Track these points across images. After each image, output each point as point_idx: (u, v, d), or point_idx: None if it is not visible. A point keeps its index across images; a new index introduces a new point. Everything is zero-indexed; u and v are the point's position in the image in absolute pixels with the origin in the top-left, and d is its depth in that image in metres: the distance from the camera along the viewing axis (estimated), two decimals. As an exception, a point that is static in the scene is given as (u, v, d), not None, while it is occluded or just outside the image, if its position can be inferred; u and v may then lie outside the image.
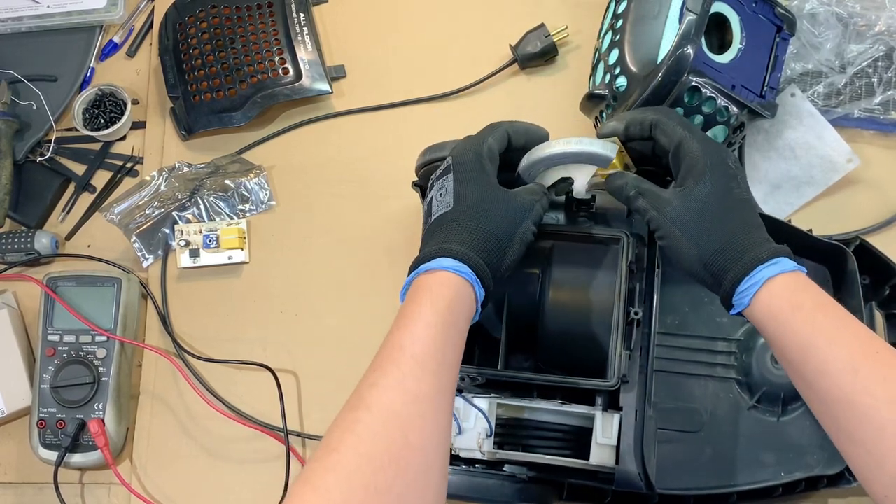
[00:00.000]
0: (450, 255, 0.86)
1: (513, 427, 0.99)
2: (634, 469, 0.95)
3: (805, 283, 0.84)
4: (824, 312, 0.82)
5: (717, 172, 0.89)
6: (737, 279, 0.85)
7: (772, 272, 0.83)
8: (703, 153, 0.90)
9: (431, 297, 0.84)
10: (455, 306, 0.84)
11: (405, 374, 0.79)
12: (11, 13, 1.41)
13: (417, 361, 0.79)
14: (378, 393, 0.78)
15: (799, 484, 1.06)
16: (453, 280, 0.85)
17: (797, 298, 0.83)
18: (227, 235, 1.27)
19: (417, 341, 0.81)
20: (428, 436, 0.77)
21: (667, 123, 0.94)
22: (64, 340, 1.22)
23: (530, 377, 0.99)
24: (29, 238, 1.29)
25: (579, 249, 1.00)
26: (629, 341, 0.98)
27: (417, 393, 0.78)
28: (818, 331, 0.81)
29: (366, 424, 0.75)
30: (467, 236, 0.87)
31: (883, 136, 1.22)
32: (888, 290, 1.11)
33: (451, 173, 0.92)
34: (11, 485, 1.25)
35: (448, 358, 0.82)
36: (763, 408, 1.10)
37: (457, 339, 0.84)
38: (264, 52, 1.33)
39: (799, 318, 0.82)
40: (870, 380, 0.77)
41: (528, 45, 1.30)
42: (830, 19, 1.21)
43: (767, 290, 0.84)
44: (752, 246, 0.85)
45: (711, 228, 0.88)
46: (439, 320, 0.82)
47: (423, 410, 0.78)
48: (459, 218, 0.89)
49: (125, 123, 1.35)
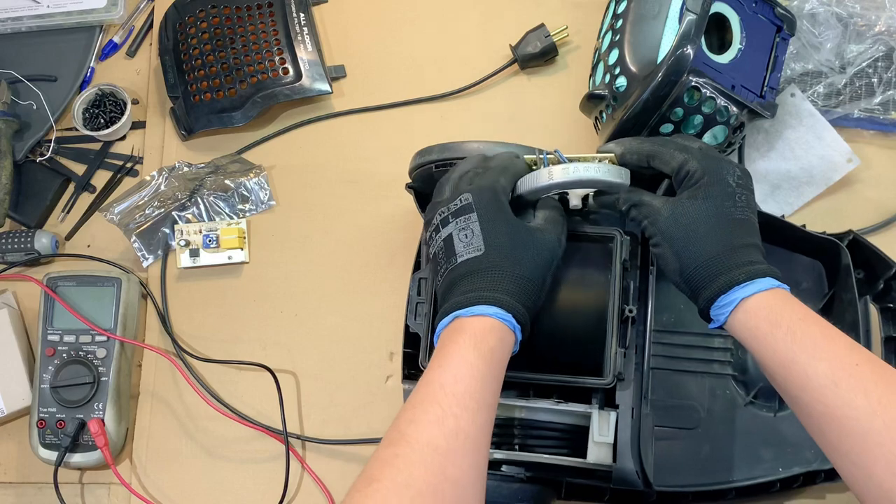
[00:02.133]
0: (494, 303, 0.87)
1: (510, 426, 1.00)
2: (632, 466, 0.95)
3: (784, 300, 0.85)
4: (803, 328, 0.82)
5: (714, 190, 0.90)
6: (711, 298, 0.87)
7: (747, 292, 0.85)
8: (702, 171, 0.91)
9: (475, 341, 0.84)
10: (497, 351, 0.86)
11: (445, 412, 0.79)
12: (11, 13, 1.41)
13: (458, 400, 0.80)
14: (418, 429, 0.79)
15: (797, 479, 1.06)
16: (497, 326, 0.86)
17: (774, 316, 0.84)
18: (227, 235, 1.27)
19: (459, 381, 0.82)
20: (465, 471, 0.78)
21: (663, 153, 0.95)
22: (64, 340, 1.22)
23: (526, 376, 0.99)
24: (29, 238, 1.29)
25: (573, 248, 0.99)
26: (625, 339, 0.98)
27: (457, 430, 0.79)
28: (797, 346, 0.82)
29: (405, 457, 0.77)
30: (507, 285, 0.88)
31: (883, 136, 1.22)
32: (882, 284, 1.11)
33: (475, 213, 0.92)
34: (11, 485, 1.25)
35: (487, 399, 0.83)
36: (759, 403, 1.10)
37: (496, 383, 0.85)
38: (264, 52, 1.33)
39: (778, 336, 0.83)
40: (851, 392, 0.78)
41: (528, 45, 1.30)
42: (830, 19, 1.21)
43: (743, 309, 0.85)
44: (731, 267, 0.87)
45: (696, 244, 0.89)
46: (482, 363, 0.83)
47: (461, 446, 0.79)
48: (495, 265, 0.89)
49: (125, 123, 1.35)
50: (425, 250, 1.01)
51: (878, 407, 0.76)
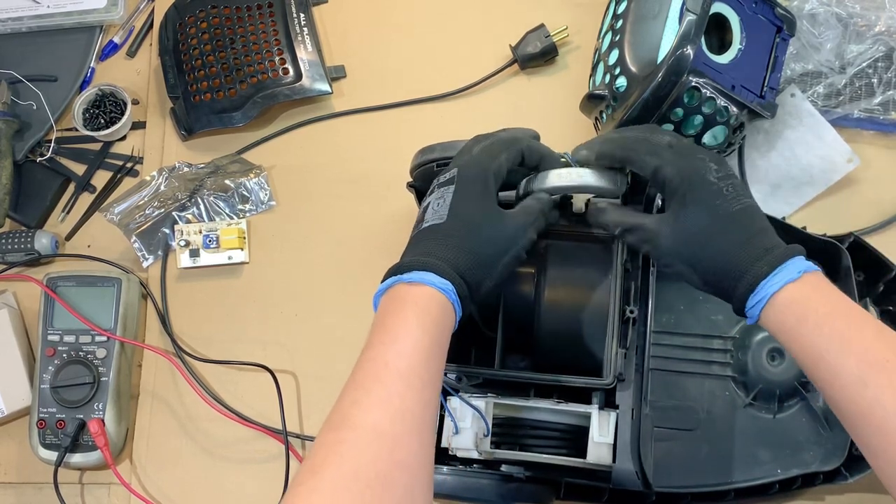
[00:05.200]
0: (433, 269, 0.84)
1: (510, 426, 0.99)
2: (631, 467, 0.95)
3: (812, 289, 0.82)
4: (831, 321, 0.80)
5: (698, 194, 0.87)
6: (742, 299, 0.84)
7: (775, 286, 0.82)
8: (679, 177, 0.88)
9: (417, 313, 0.82)
10: (440, 323, 0.83)
11: (390, 392, 0.77)
12: (11, 13, 1.41)
13: (403, 378, 0.78)
14: (362, 411, 0.76)
15: (795, 480, 1.06)
16: (438, 297, 0.83)
17: (801, 310, 0.81)
18: (227, 235, 1.27)
19: (403, 357, 0.79)
20: (413, 453, 0.76)
21: (634, 157, 0.92)
22: (64, 340, 1.22)
23: (527, 376, 0.99)
24: (29, 238, 1.29)
25: (575, 248, 1.00)
26: (625, 340, 0.98)
27: (403, 410, 0.76)
28: (825, 341, 0.80)
29: (350, 443, 0.74)
30: (454, 254, 0.86)
31: (883, 136, 1.22)
32: (882, 286, 1.11)
33: (454, 185, 0.90)
34: (11, 485, 1.26)
35: (432, 375, 0.81)
36: (759, 405, 1.10)
37: (441, 356, 0.83)
38: (264, 52, 1.33)
39: (804, 331, 0.81)
40: (880, 390, 0.76)
41: (528, 45, 1.30)
42: (830, 19, 1.21)
43: (772, 305, 0.82)
44: (752, 262, 0.84)
45: (704, 252, 0.86)
46: (426, 337, 0.81)
47: (408, 428, 0.76)
48: (449, 232, 0.87)
49: (125, 123, 1.35)
50: None
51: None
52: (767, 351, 1.09)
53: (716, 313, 1.13)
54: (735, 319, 1.12)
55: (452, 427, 0.98)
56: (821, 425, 1.08)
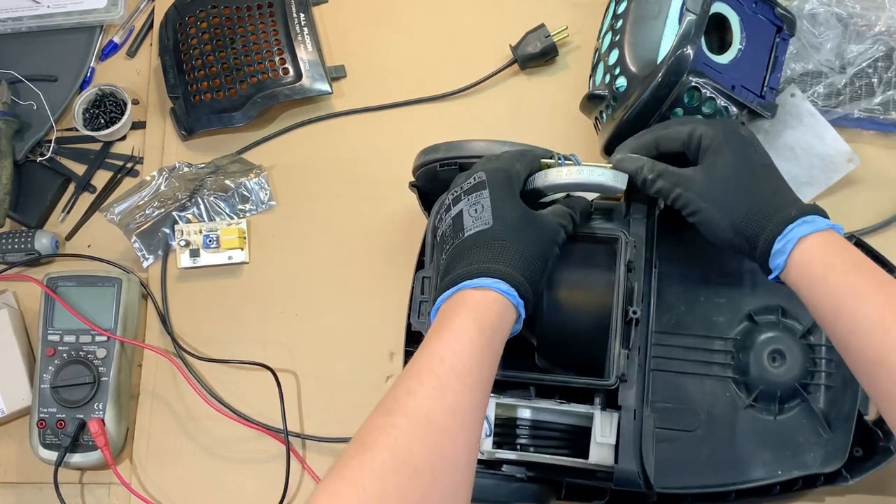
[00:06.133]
0: (497, 275, 0.85)
1: (511, 426, 0.99)
2: (633, 468, 0.95)
3: (837, 241, 0.86)
4: (856, 271, 0.83)
5: (733, 142, 0.92)
6: (770, 240, 0.86)
7: (803, 231, 0.85)
8: (714, 130, 0.94)
9: (476, 315, 0.83)
10: (498, 326, 0.84)
11: (444, 386, 0.78)
12: (11, 13, 1.41)
13: (457, 375, 0.79)
14: (416, 401, 0.77)
15: (796, 482, 1.06)
16: (499, 300, 0.85)
17: (828, 258, 0.84)
18: (227, 235, 1.27)
19: (458, 355, 0.80)
20: (461, 449, 0.76)
21: (667, 133, 0.97)
22: (64, 340, 1.22)
23: (529, 376, 0.99)
24: (29, 238, 1.29)
25: (577, 249, 0.99)
26: (628, 340, 0.98)
27: (455, 406, 0.77)
28: (849, 290, 0.82)
29: (403, 429, 0.74)
30: (512, 258, 0.87)
31: (883, 136, 1.22)
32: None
33: (487, 190, 0.91)
34: (11, 485, 1.25)
35: (485, 375, 0.82)
36: (760, 406, 1.10)
37: (495, 358, 0.84)
38: (264, 52, 1.33)
39: (830, 278, 0.83)
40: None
41: (528, 45, 1.30)
42: (830, 19, 1.21)
43: (799, 250, 0.85)
44: (781, 206, 0.87)
45: (738, 195, 0.90)
46: (482, 338, 0.82)
47: (459, 423, 0.77)
48: (500, 237, 0.88)
49: (125, 123, 1.35)
50: (430, 239, 1.00)
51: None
52: (768, 352, 1.09)
53: (717, 314, 1.13)
54: (736, 320, 1.12)
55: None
56: (822, 427, 1.08)
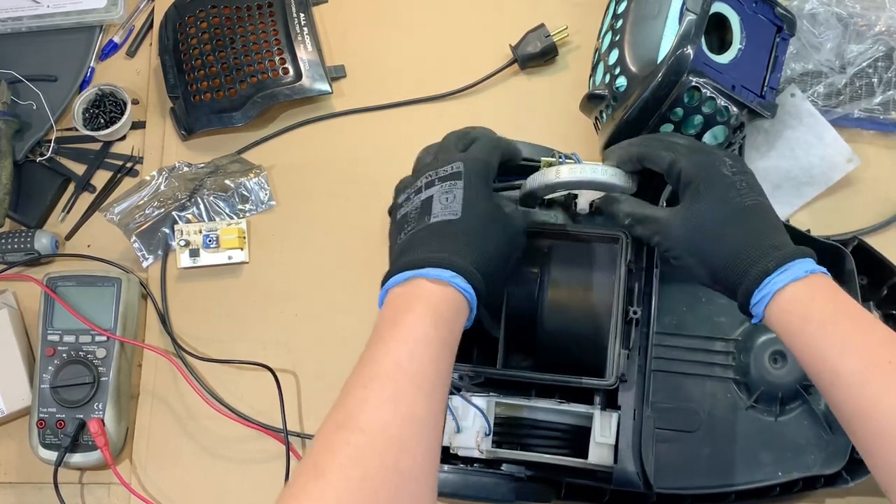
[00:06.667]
0: (458, 270, 0.83)
1: (511, 426, 0.99)
2: (633, 468, 0.95)
3: (818, 289, 0.83)
4: (836, 321, 0.80)
5: (711, 186, 0.88)
6: (747, 293, 0.84)
7: (780, 283, 0.82)
8: (693, 170, 0.89)
9: (433, 314, 0.80)
10: (455, 324, 0.82)
11: (400, 393, 0.75)
12: (11, 13, 1.41)
13: (414, 382, 0.76)
14: (370, 412, 0.73)
15: (797, 483, 1.06)
16: (456, 298, 0.82)
17: (806, 310, 0.81)
18: (227, 235, 1.27)
19: (415, 360, 0.77)
20: (419, 461, 0.73)
21: (651, 153, 0.93)
22: (64, 340, 1.22)
23: (529, 376, 0.99)
24: (29, 238, 1.29)
25: (578, 249, 1.00)
26: (628, 340, 0.98)
27: (412, 415, 0.74)
28: (827, 343, 0.80)
29: (357, 447, 0.71)
30: (474, 255, 0.85)
31: (883, 136, 1.22)
32: (886, 290, 1.11)
33: (462, 181, 0.89)
34: (11, 485, 1.25)
35: (442, 378, 0.79)
36: (761, 407, 1.10)
37: (450, 361, 0.81)
38: (264, 52, 1.33)
39: (808, 330, 0.81)
40: (879, 390, 0.76)
41: (528, 45, 1.30)
42: (830, 19, 1.21)
43: (777, 302, 0.82)
44: (759, 257, 0.84)
45: (714, 244, 0.87)
46: (438, 341, 0.79)
47: (416, 433, 0.74)
48: (466, 231, 0.86)
49: (125, 123, 1.35)
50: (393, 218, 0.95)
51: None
52: (770, 353, 1.09)
53: (718, 315, 1.13)
54: (738, 321, 1.12)
55: (454, 426, 0.98)
56: (822, 428, 1.08)
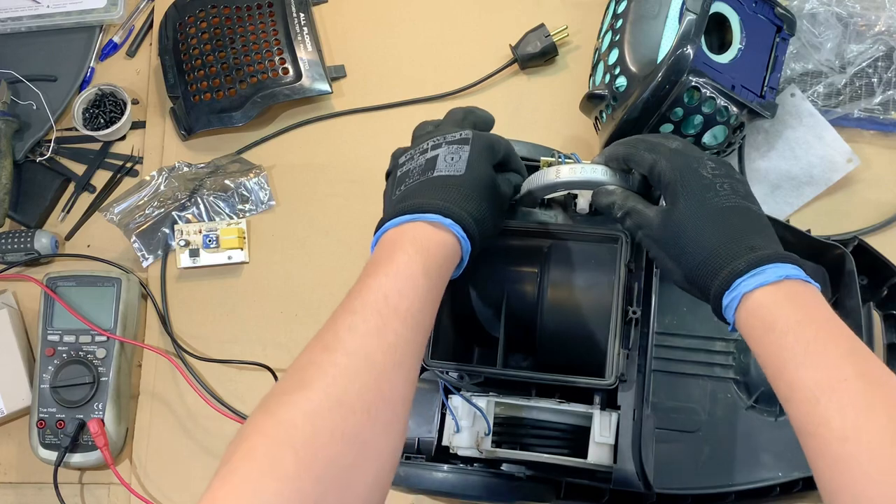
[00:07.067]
0: (456, 218, 0.86)
1: (511, 426, 0.99)
2: (632, 468, 0.95)
3: (788, 295, 0.79)
4: (798, 331, 0.76)
5: (688, 187, 0.87)
6: (718, 295, 0.81)
7: (749, 286, 0.79)
8: (672, 172, 0.88)
9: (424, 255, 0.83)
10: (444, 269, 0.85)
11: (386, 325, 0.77)
12: (11, 13, 1.41)
13: (400, 316, 0.78)
14: (357, 338, 0.76)
15: (797, 483, 1.06)
16: (450, 242, 0.85)
17: (771, 316, 0.78)
18: (227, 235, 1.27)
19: (403, 296, 0.79)
20: (398, 388, 0.77)
21: (634, 154, 0.92)
22: (64, 340, 1.22)
23: (529, 376, 0.99)
24: (29, 238, 1.29)
25: (578, 249, 0.99)
26: (627, 340, 0.98)
27: (395, 345, 0.77)
28: (787, 353, 0.76)
29: (342, 368, 0.74)
30: (473, 208, 0.87)
31: (883, 136, 1.22)
32: (886, 290, 1.10)
33: (469, 146, 0.92)
34: (11, 485, 1.25)
35: (427, 316, 0.82)
36: (761, 408, 1.09)
37: (437, 299, 0.84)
38: (264, 52, 1.33)
39: (770, 339, 0.77)
40: (829, 410, 0.72)
41: (528, 45, 1.30)
42: (830, 19, 1.21)
43: (745, 307, 0.80)
44: (731, 258, 0.81)
45: (688, 244, 0.85)
46: (427, 281, 0.82)
47: (397, 361, 0.77)
48: (467, 185, 0.89)
49: (125, 123, 1.35)
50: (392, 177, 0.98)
51: (851, 432, 0.70)
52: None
53: (719, 315, 1.13)
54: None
55: (454, 425, 0.98)
56: (823, 428, 1.08)
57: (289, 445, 0.68)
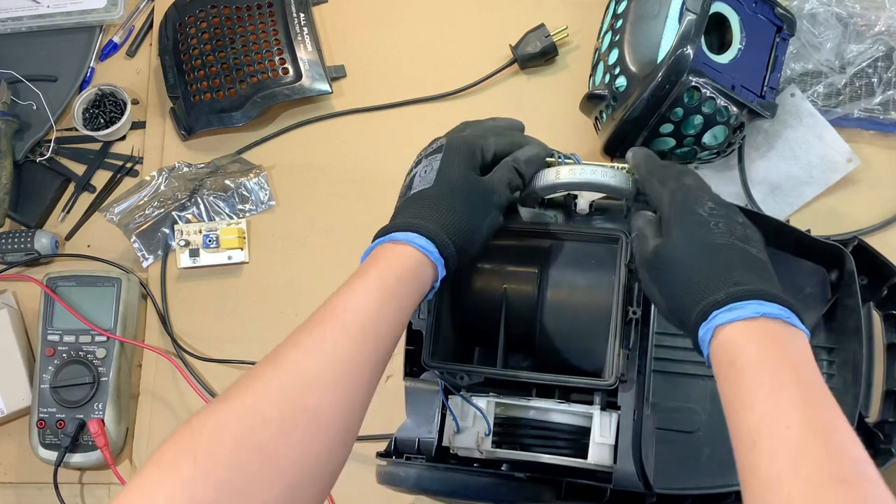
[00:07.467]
0: (418, 230, 0.85)
1: (511, 426, 0.99)
2: (632, 468, 0.95)
3: (758, 334, 0.76)
4: (755, 373, 0.73)
5: (682, 223, 0.85)
6: (695, 325, 0.79)
7: (723, 319, 0.77)
8: (670, 206, 0.87)
9: (382, 268, 0.83)
10: (405, 281, 0.83)
11: (326, 338, 0.77)
12: (11, 13, 1.41)
13: (345, 328, 0.78)
14: (295, 353, 0.76)
15: (797, 483, 1.06)
16: (412, 255, 0.84)
17: (733, 353, 0.75)
18: (227, 235, 1.27)
19: (350, 309, 0.79)
20: (329, 401, 0.75)
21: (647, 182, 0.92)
22: (64, 340, 1.22)
23: (529, 376, 0.98)
24: (29, 238, 1.29)
25: (578, 249, 0.99)
26: (627, 341, 0.97)
27: (333, 358, 0.76)
28: (742, 392, 0.73)
29: (266, 380, 0.74)
30: (440, 215, 0.87)
31: (883, 136, 1.22)
32: (886, 291, 1.10)
33: (441, 154, 0.92)
34: (11, 485, 1.26)
35: (381, 330, 0.80)
36: (761, 408, 1.09)
37: (397, 315, 0.82)
38: (264, 52, 1.33)
39: (729, 376, 0.75)
40: (761, 456, 0.69)
41: (528, 45, 1.30)
42: (830, 19, 1.21)
43: (716, 339, 0.77)
44: (714, 290, 0.79)
45: (676, 276, 0.83)
46: (381, 293, 0.81)
47: (335, 377, 0.76)
48: (435, 195, 0.89)
49: (125, 123, 1.35)
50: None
51: (775, 482, 0.67)
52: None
53: (719, 315, 1.12)
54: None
55: (454, 426, 0.98)
56: (822, 427, 1.07)
57: (190, 452, 0.68)
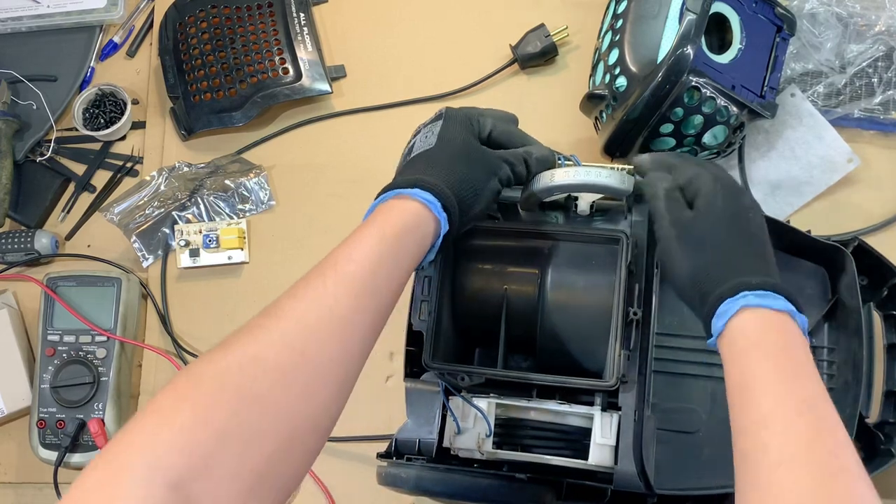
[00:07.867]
0: (421, 185, 0.86)
1: (512, 427, 0.99)
2: (633, 469, 0.95)
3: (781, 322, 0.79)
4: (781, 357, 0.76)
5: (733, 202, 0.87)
6: (720, 298, 0.80)
7: (755, 302, 0.79)
8: (714, 182, 0.89)
9: (383, 222, 0.83)
10: (405, 235, 0.84)
11: (327, 291, 0.77)
12: (11, 13, 1.41)
13: (344, 281, 0.78)
14: (294, 304, 0.76)
15: (797, 484, 1.06)
16: (415, 208, 0.85)
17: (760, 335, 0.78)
18: (227, 235, 1.27)
19: (352, 262, 0.80)
20: (328, 352, 0.75)
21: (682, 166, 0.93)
22: (64, 340, 1.22)
23: (529, 377, 0.98)
24: (29, 238, 1.29)
25: (578, 250, 0.99)
26: (628, 341, 0.97)
27: (332, 310, 0.76)
28: (763, 371, 0.75)
29: (267, 330, 0.74)
30: (442, 172, 0.88)
31: (883, 136, 1.22)
32: (886, 291, 1.10)
33: (441, 121, 0.94)
34: (11, 485, 1.26)
35: (380, 283, 0.81)
36: (761, 408, 1.09)
37: (396, 264, 0.83)
38: (264, 52, 1.33)
39: (751, 355, 0.77)
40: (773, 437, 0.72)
41: (528, 45, 1.30)
42: (830, 19, 1.21)
43: (740, 317, 0.79)
44: (751, 271, 0.81)
45: (712, 245, 0.85)
46: (381, 244, 0.81)
47: (333, 328, 0.76)
48: (438, 155, 0.90)
49: (125, 123, 1.35)
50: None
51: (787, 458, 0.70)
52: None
53: (719, 316, 1.12)
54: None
55: (455, 427, 0.98)
56: (822, 427, 1.07)
57: (189, 399, 0.68)
